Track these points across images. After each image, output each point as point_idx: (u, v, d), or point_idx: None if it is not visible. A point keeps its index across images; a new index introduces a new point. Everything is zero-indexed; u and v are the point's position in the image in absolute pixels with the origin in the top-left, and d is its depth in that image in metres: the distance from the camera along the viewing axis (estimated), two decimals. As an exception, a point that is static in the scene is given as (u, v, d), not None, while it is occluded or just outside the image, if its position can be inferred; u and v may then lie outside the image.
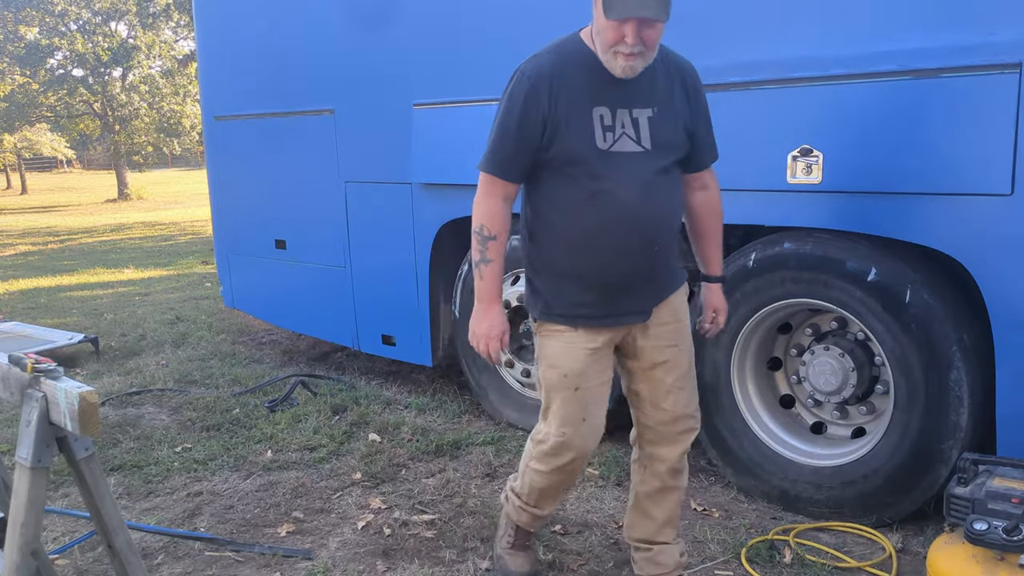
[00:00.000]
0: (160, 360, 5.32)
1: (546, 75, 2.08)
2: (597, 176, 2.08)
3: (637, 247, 2.13)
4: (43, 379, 1.77)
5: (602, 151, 2.07)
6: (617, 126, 2.08)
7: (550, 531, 2.88)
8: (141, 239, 14.37)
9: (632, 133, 2.09)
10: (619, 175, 2.08)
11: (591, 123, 2.07)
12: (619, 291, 2.18)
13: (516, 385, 3.89)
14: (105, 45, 23.83)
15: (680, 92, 2.16)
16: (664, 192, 2.15)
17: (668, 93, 2.13)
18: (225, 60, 4.99)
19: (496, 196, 2.18)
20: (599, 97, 2.07)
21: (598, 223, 2.10)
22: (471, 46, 3.67)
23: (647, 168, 2.10)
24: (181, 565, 2.75)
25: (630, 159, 2.09)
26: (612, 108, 2.08)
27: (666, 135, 2.13)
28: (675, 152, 2.16)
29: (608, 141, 2.07)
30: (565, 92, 2.07)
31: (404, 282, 4.17)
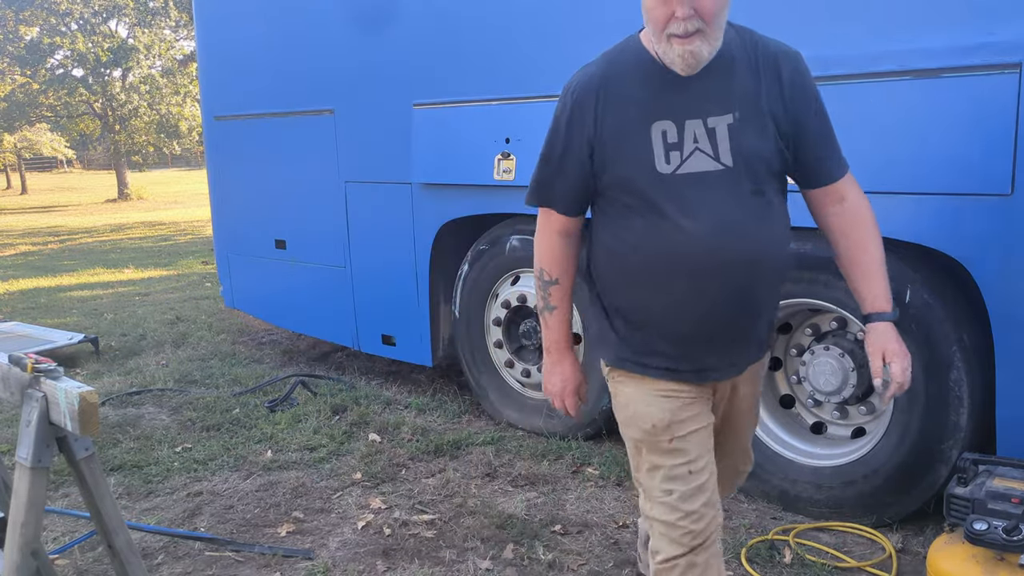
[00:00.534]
0: (160, 360, 5.32)
1: (593, 89, 1.74)
2: (657, 206, 1.70)
3: (716, 292, 1.71)
4: (43, 379, 1.77)
5: (664, 175, 1.69)
6: (686, 141, 1.68)
7: (550, 531, 2.88)
8: (141, 239, 14.37)
9: (708, 147, 1.68)
10: (688, 202, 1.68)
11: (649, 142, 1.69)
12: (701, 344, 1.79)
13: (516, 385, 3.89)
14: (105, 45, 23.83)
15: (773, 87, 1.73)
16: (756, 219, 1.70)
17: (754, 91, 1.71)
18: (225, 60, 4.99)
19: (550, 232, 1.87)
20: (661, 108, 1.69)
21: (664, 263, 1.71)
22: (471, 46, 3.67)
23: (730, 190, 1.69)
24: (181, 565, 2.75)
25: (706, 181, 1.68)
26: (679, 120, 1.68)
27: (753, 145, 1.69)
28: (768, 165, 1.72)
29: (673, 162, 1.68)
30: (616, 107, 1.72)
31: (404, 282, 4.17)
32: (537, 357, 3.76)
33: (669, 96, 1.69)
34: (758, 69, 1.72)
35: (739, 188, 1.69)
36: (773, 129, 1.71)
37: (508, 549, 2.76)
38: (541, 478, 3.30)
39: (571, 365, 1.96)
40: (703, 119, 1.69)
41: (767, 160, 1.71)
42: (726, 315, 1.75)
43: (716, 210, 1.68)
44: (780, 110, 1.72)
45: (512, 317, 3.82)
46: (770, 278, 1.79)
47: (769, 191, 1.73)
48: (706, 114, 1.69)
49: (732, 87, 1.70)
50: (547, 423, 3.72)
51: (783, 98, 1.73)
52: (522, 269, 3.76)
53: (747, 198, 1.70)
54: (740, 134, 1.68)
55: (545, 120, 3.70)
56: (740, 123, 1.69)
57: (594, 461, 3.42)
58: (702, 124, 1.69)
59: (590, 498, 3.13)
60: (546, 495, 3.16)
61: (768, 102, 1.71)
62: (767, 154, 1.71)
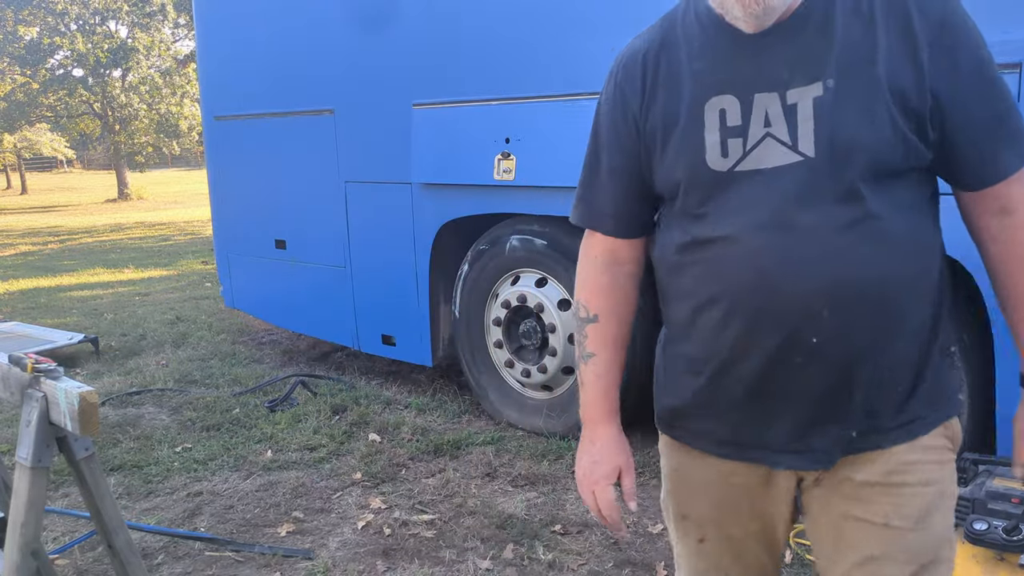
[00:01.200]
0: (160, 360, 5.32)
1: (640, 60, 1.28)
2: (705, 215, 1.22)
3: (777, 343, 1.19)
4: (43, 379, 1.77)
5: (719, 174, 1.20)
6: (753, 124, 1.18)
7: (550, 531, 2.88)
8: (141, 239, 14.37)
9: (784, 132, 1.17)
10: (748, 212, 1.18)
11: (701, 127, 1.21)
12: (751, 410, 1.26)
13: (516, 385, 3.89)
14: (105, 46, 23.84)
15: (900, 43, 1.15)
16: (840, 236, 1.15)
17: (865, 48, 1.15)
18: (225, 60, 4.99)
19: (593, 257, 1.38)
20: (721, 80, 1.20)
21: (708, 295, 1.23)
22: (471, 46, 3.67)
23: (807, 193, 1.15)
24: (181, 565, 2.75)
25: (779, 181, 1.16)
26: (745, 94, 1.18)
27: (851, 128, 1.14)
28: (874, 158, 1.14)
29: (733, 154, 1.19)
30: (669, 83, 1.25)
31: (404, 282, 4.17)
32: (537, 357, 3.76)
33: (735, 63, 1.20)
34: (873, 15, 1.16)
35: (820, 190, 1.15)
36: (891, 106, 1.13)
37: (508, 549, 2.76)
38: (541, 478, 3.30)
39: (611, 440, 1.39)
40: (780, 92, 1.17)
41: (873, 151, 1.13)
42: (801, 374, 1.20)
43: (777, 222, 1.16)
44: (910, 77, 1.14)
45: (512, 317, 3.82)
46: (887, 317, 1.18)
47: (874, 197, 1.14)
48: (785, 85, 1.17)
49: (828, 44, 1.16)
50: (547, 423, 3.72)
51: (917, 59, 1.14)
52: (522, 269, 3.76)
53: (830, 206, 1.14)
54: (832, 111, 1.14)
55: (545, 120, 3.73)
56: (834, 95, 1.14)
57: (594, 461, 3.42)
58: (778, 99, 1.17)
59: (590, 498, 3.13)
60: (546, 495, 3.16)
61: (888, 65, 1.14)
62: (874, 142, 1.13)
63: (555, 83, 3.38)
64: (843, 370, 1.20)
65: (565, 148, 3.36)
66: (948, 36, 1.16)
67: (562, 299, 3.62)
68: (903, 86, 1.14)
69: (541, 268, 3.68)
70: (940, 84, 1.15)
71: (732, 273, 1.19)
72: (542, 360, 3.72)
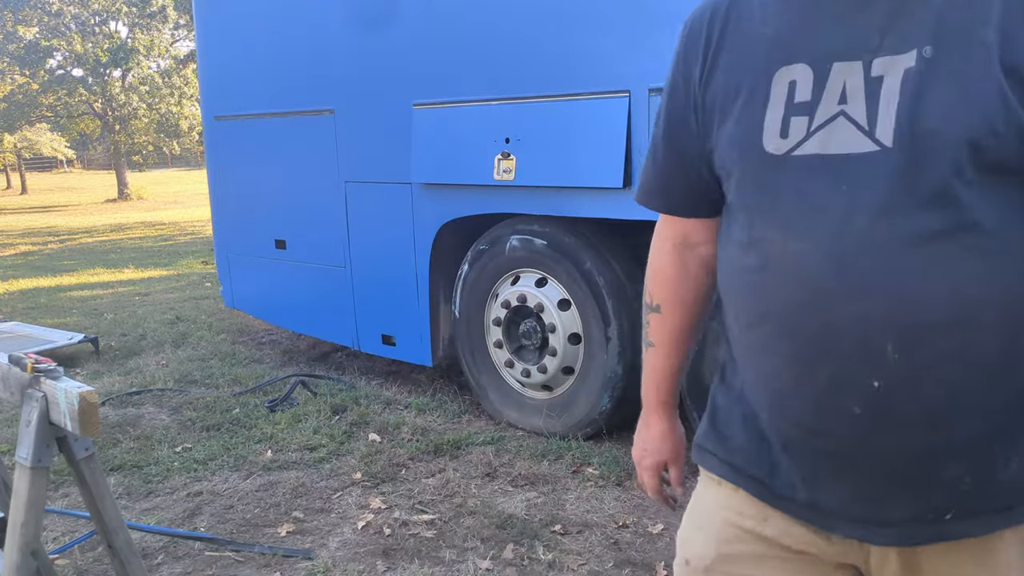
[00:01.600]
0: (160, 360, 5.32)
1: (706, 18, 1.09)
2: (758, 209, 1.02)
3: (825, 383, 0.96)
4: (43, 379, 1.77)
5: (774, 157, 0.98)
6: (826, 99, 0.95)
7: (550, 531, 2.88)
8: (141, 239, 14.37)
9: (860, 111, 0.93)
10: (805, 208, 0.96)
11: (765, 102, 1.00)
12: (813, 460, 1.02)
13: (516, 385, 3.89)
14: (105, 46, 23.85)
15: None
16: (937, 253, 0.90)
17: (974, 8, 0.90)
18: (225, 60, 4.99)
19: (662, 240, 1.24)
20: (796, 45, 0.99)
21: (757, 311, 1.02)
22: (471, 46, 3.67)
23: (885, 193, 0.91)
24: (181, 565, 2.75)
25: (845, 172, 0.93)
26: (821, 63, 0.96)
27: (947, 110, 0.89)
28: (976, 150, 0.89)
29: (795, 134, 0.97)
30: (737, 46, 1.05)
31: (404, 282, 4.17)
32: (537, 357, 3.76)
33: (814, 24, 0.98)
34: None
35: (898, 189, 0.90)
36: (1003, 83, 0.86)
37: (508, 549, 2.76)
38: (541, 478, 3.30)
39: (661, 432, 1.32)
40: (865, 60, 0.93)
41: (972, 142, 0.87)
42: (853, 430, 0.95)
43: (838, 226, 0.93)
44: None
45: (512, 317, 3.82)
46: (962, 367, 0.90)
47: (974, 200, 0.88)
48: (873, 51, 0.93)
49: (929, 1, 0.91)
50: (547, 423, 3.72)
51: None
52: (522, 269, 3.76)
53: (910, 210, 0.89)
54: (921, 89, 0.89)
55: (545, 120, 3.73)
56: (928, 68, 0.90)
57: (594, 461, 3.42)
58: (861, 70, 0.93)
59: (590, 498, 3.13)
60: (546, 495, 3.16)
61: (1004, 28, 0.87)
62: (975, 131, 0.87)
63: (555, 83, 3.38)
64: (916, 429, 0.92)
65: (565, 148, 3.36)
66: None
67: (562, 299, 3.62)
68: (1021, 62, 0.86)
69: (541, 268, 3.68)
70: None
71: (779, 286, 0.98)
72: (542, 360, 3.72)
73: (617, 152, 3.18)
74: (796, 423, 1.01)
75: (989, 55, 0.88)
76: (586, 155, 3.30)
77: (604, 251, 3.49)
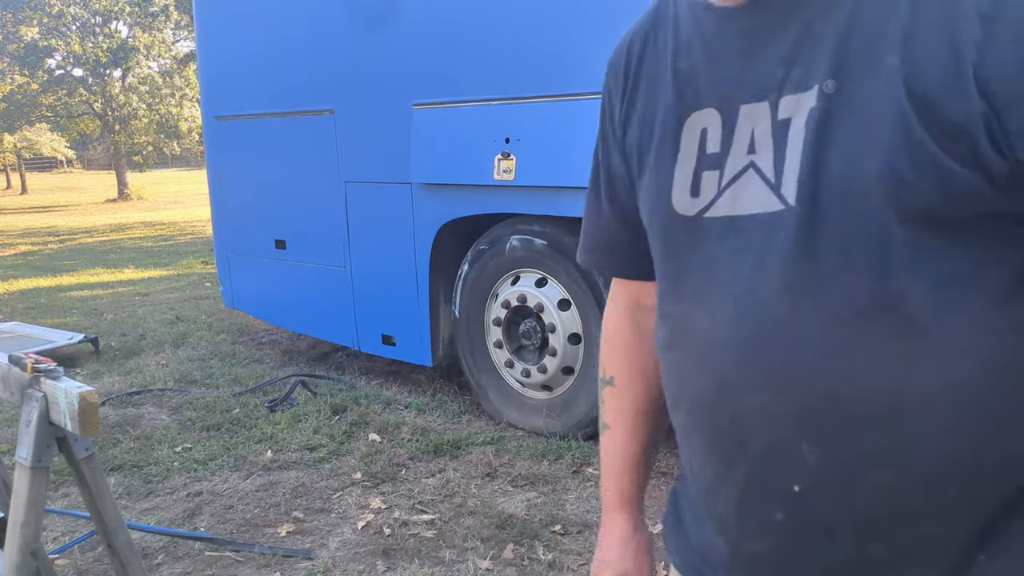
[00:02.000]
0: (160, 360, 5.32)
1: (624, 51, 0.95)
2: (672, 278, 0.90)
3: (742, 485, 0.82)
4: (43, 379, 1.77)
5: (685, 219, 0.85)
6: (734, 150, 0.81)
7: (550, 531, 2.88)
8: (141, 239, 14.37)
9: (768, 162, 0.78)
10: (711, 281, 0.83)
11: (675, 152, 0.87)
12: (746, 563, 0.86)
13: (516, 385, 3.89)
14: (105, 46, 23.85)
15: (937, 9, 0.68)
16: (852, 333, 0.73)
17: (880, 18, 0.71)
18: (225, 60, 4.99)
19: (614, 301, 1.10)
20: (706, 85, 0.84)
21: (672, 395, 0.91)
22: (470, 46, 3.67)
23: (790, 262, 0.76)
24: (181, 565, 2.75)
25: (751, 236, 0.79)
26: (729, 106, 0.82)
27: (854, 156, 0.72)
28: (891, 201, 0.70)
29: (705, 193, 0.83)
30: (649, 80, 0.91)
31: (404, 282, 4.17)
32: (537, 357, 3.76)
33: (722, 60, 0.82)
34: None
35: (808, 259, 0.75)
36: (912, 118, 0.69)
37: (508, 549, 2.76)
38: (541, 478, 3.30)
39: (622, 536, 1.08)
40: (772, 101, 0.78)
41: (887, 191, 0.70)
42: (788, 528, 0.80)
43: (743, 303, 0.79)
44: (940, 70, 0.68)
45: (512, 317, 3.82)
46: (888, 466, 0.74)
47: (896, 267, 0.72)
48: (779, 90, 0.77)
49: (832, 22, 0.74)
50: (547, 423, 3.72)
51: (955, 40, 0.68)
52: (522, 269, 3.76)
53: (822, 285, 0.74)
54: (826, 132, 0.74)
55: (545, 120, 3.73)
56: (832, 106, 0.73)
57: (594, 461, 3.42)
58: (768, 113, 0.78)
59: (590, 498, 3.13)
60: (546, 495, 3.16)
61: (908, 52, 0.70)
62: (888, 176, 0.70)
63: (555, 83, 3.38)
64: (853, 539, 0.77)
65: (565, 148, 3.36)
66: (1018, 6, 0.65)
67: (562, 299, 3.62)
68: (928, 85, 0.68)
69: (541, 268, 3.68)
70: (1000, 79, 0.65)
71: (685, 370, 0.87)
72: (542, 360, 3.72)
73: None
74: (722, 524, 0.86)
75: (893, 84, 0.70)
76: (586, 155, 3.28)
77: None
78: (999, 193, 0.68)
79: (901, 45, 0.70)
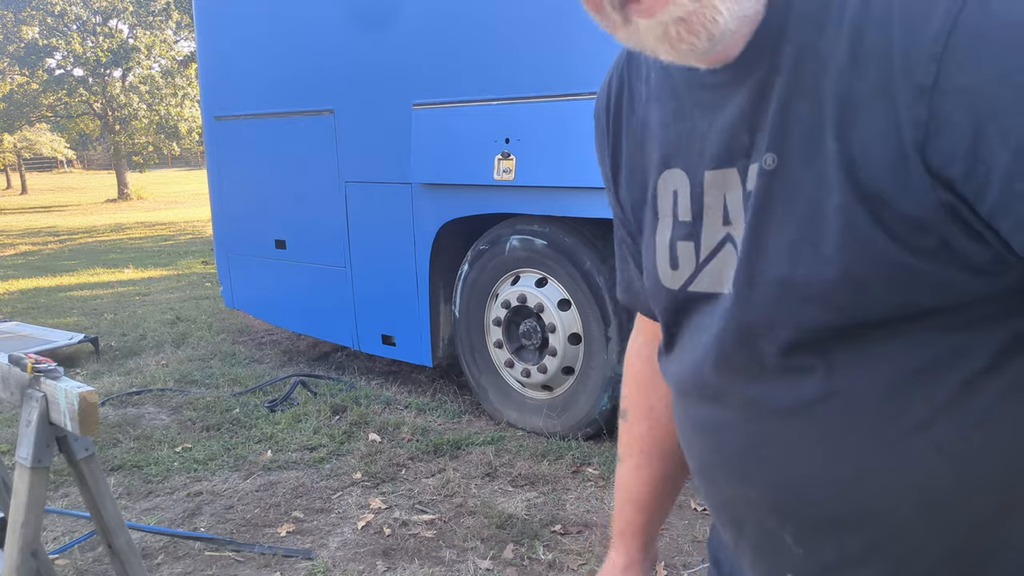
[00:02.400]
0: (160, 360, 5.32)
1: (605, 93, 0.88)
2: (669, 341, 0.86)
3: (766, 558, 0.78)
4: (43, 379, 1.77)
5: (671, 293, 0.80)
6: (707, 219, 0.74)
7: (550, 531, 2.88)
8: (141, 239, 14.37)
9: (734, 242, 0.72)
10: (688, 361, 0.80)
11: (655, 216, 0.81)
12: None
13: (516, 385, 3.89)
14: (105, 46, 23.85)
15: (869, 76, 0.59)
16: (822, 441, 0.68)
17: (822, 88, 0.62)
18: (225, 60, 4.99)
19: (634, 334, 1.06)
20: (674, 143, 0.77)
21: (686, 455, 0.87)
22: (470, 46, 3.67)
23: (736, 350, 0.72)
24: (181, 565, 2.75)
25: (708, 322, 0.76)
26: (695, 169, 0.74)
27: (790, 245, 0.65)
28: (829, 297, 0.64)
29: (684, 266, 0.77)
30: (629, 125, 0.84)
31: (404, 282, 4.17)
32: (537, 357, 3.77)
33: (688, 118, 0.75)
34: (860, 32, 0.60)
35: (751, 346, 0.71)
36: (857, 208, 0.61)
37: (508, 549, 2.76)
38: (541, 478, 3.31)
39: (614, 569, 1.09)
40: (741, 167, 0.70)
41: (839, 288, 0.63)
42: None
43: (703, 390, 0.78)
44: (883, 156, 0.60)
45: (512, 317, 3.82)
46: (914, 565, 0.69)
47: (839, 362, 0.66)
48: (747, 155, 0.69)
49: (781, 84, 0.65)
50: (547, 423, 3.72)
51: (895, 118, 0.58)
52: (522, 269, 3.76)
53: (772, 377, 0.70)
54: (763, 215, 0.67)
55: (545, 120, 3.73)
56: (771, 185, 0.66)
57: (594, 461, 3.42)
58: (738, 179, 0.70)
59: (590, 498, 3.13)
60: (546, 495, 3.16)
61: (844, 133, 0.62)
62: (823, 274, 0.64)
63: (555, 83, 3.38)
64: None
65: (565, 148, 3.36)
66: (965, 68, 0.55)
67: (562, 299, 3.62)
68: (873, 176, 0.60)
69: (541, 268, 3.68)
70: (957, 160, 0.57)
71: (683, 440, 0.85)
72: (542, 360, 3.72)
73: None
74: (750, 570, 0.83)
75: (835, 171, 0.61)
76: (586, 155, 3.29)
77: (604, 251, 3.49)
78: (977, 279, 0.61)
79: (838, 122, 0.61)
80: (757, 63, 0.66)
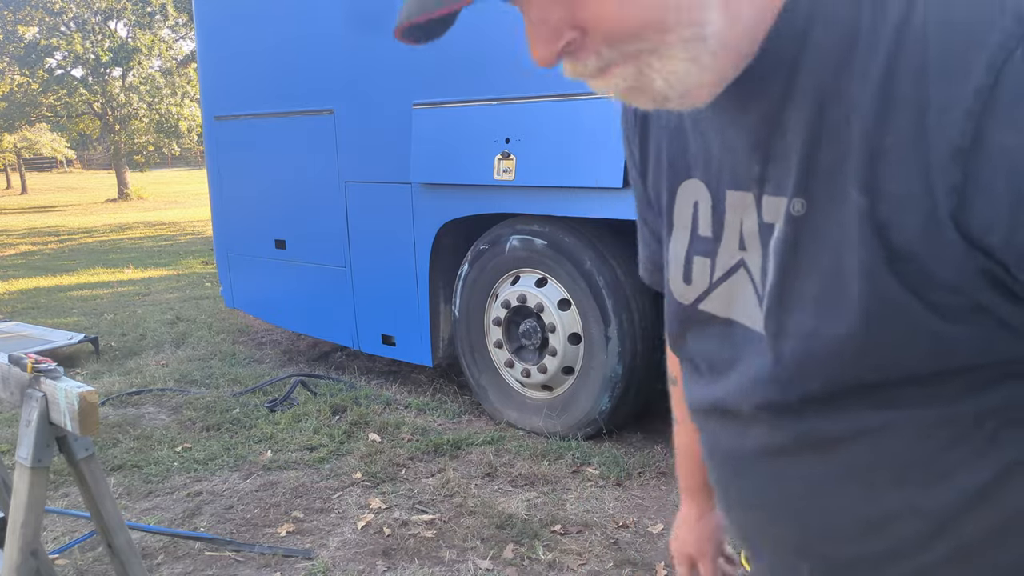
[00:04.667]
0: (160, 360, 5.32)
1: None
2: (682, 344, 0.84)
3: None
4: (43, 379, 1.77)
5: (684, 307, 0.80)
6: (726, 240, 0.73)
7: (550, 531, 2.88)
8: (141, 239, 14.37)
9: (757, 267, 0.69)
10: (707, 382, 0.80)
11: (671, 225, 0.81)
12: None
13: (516, 385, 3.89)
14: (105, 45, 23.85)
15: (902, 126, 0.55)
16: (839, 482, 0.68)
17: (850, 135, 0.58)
18: (225, 60, 4.99)
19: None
20: (695, 147, 0.75)
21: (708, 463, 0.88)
22: (470, 46, 3.67)
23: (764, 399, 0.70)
24: (181, 565, 2.75)
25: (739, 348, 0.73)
26: (716, 185, 0.73)
27: (825, 304, 0.62)
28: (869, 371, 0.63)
29: (698, 281, 0.77)
30: (656, 129, 0.82)
31: (404, 282, 4.17)
32: (537, 357, 3.76)
33: (707, 131, 0.73)
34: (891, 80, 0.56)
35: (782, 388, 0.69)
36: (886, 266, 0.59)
37: (508, 549, 2.76)
38: (541, 478, 3.30)
39: (686, 517, 1.14)
40: (756, 194, 0.68)
41: (866, 349, 0.62)
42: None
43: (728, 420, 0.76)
44: (915, 212, 0.56)
45: (512, 317, 3.82)
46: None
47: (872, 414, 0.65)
48: (760, 184, 0.67)
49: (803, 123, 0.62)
50: (547, 423, 3.72)
51: (929, 177, 0.55)
52: (522, 269, 3.76)
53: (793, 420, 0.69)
54: (793, 263, 0.65)
55: (545, 120, 3.73)
56: (799, 232, 0.64)
57: (594, 461, 3.42)
58: (754, 206, 0.68)
59: (590, 498, 3.13)
60: (546, 495, 3.16)
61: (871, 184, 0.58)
62: (865, 333, 0.61)
63: (555, 83, 3.38)
64: None
65: (565, 148, 3.36)
66: (1007, 127, 0.51)
67: (562, 299, 3.62)
68: (906, 239, 0.57)
69: (541, 268, 3.68)
70: (997, 227, 0.53)
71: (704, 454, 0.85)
72: (542, 360, 3.72)
73: (617, 152, 3.18)
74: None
75: (864, 227, 0.58)
76: (586, 155, 3.30)
77: (604, 251, 3.49)
78: (1016, 340, 0.59)
79: (864, 175, 0.57)
80: (764, 90, 0.63)
